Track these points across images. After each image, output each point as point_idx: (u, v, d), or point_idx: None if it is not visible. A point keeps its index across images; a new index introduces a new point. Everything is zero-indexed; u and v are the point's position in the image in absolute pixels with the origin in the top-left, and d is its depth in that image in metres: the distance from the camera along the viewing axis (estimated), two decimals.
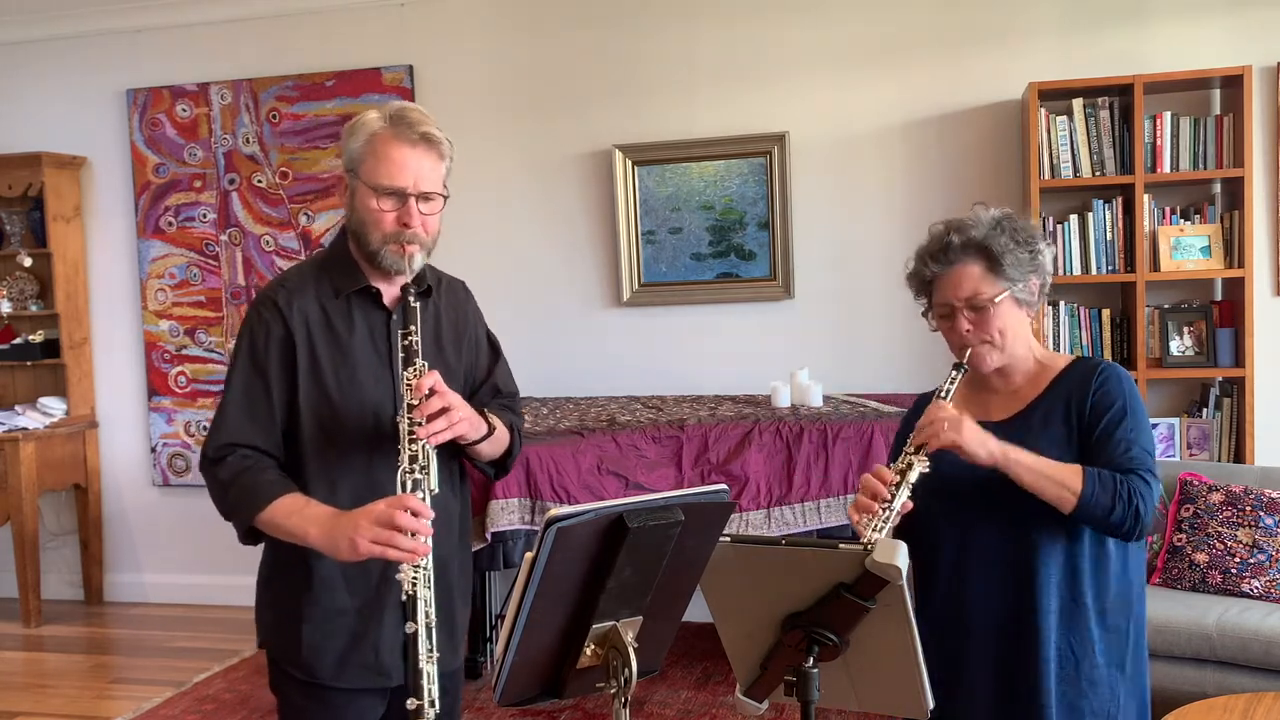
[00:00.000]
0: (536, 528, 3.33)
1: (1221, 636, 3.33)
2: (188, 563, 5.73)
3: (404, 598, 1.86)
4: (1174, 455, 4.37)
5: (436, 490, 1.90)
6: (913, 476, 1.92)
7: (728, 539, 1.71)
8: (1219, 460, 4.32)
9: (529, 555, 1.48)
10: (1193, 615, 3.41)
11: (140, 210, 5.74)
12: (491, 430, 2.07)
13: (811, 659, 1.73)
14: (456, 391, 2.06)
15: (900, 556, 1.64)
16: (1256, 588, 3.55)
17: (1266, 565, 3.56)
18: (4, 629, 5.47)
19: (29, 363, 5.72)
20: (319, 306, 2.03)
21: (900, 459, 1.96)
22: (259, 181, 5.58)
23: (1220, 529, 3.65)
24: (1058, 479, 1.91)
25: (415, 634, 1.85)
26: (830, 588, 1.70)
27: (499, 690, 1.57)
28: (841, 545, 1.69)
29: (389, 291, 2.05)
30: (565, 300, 5.24)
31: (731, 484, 3.97)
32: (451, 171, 2.08)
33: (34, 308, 5.75)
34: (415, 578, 1.85)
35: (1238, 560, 3.60)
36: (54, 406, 5.72)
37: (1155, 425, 4.39)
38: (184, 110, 5.64)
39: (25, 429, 5.51)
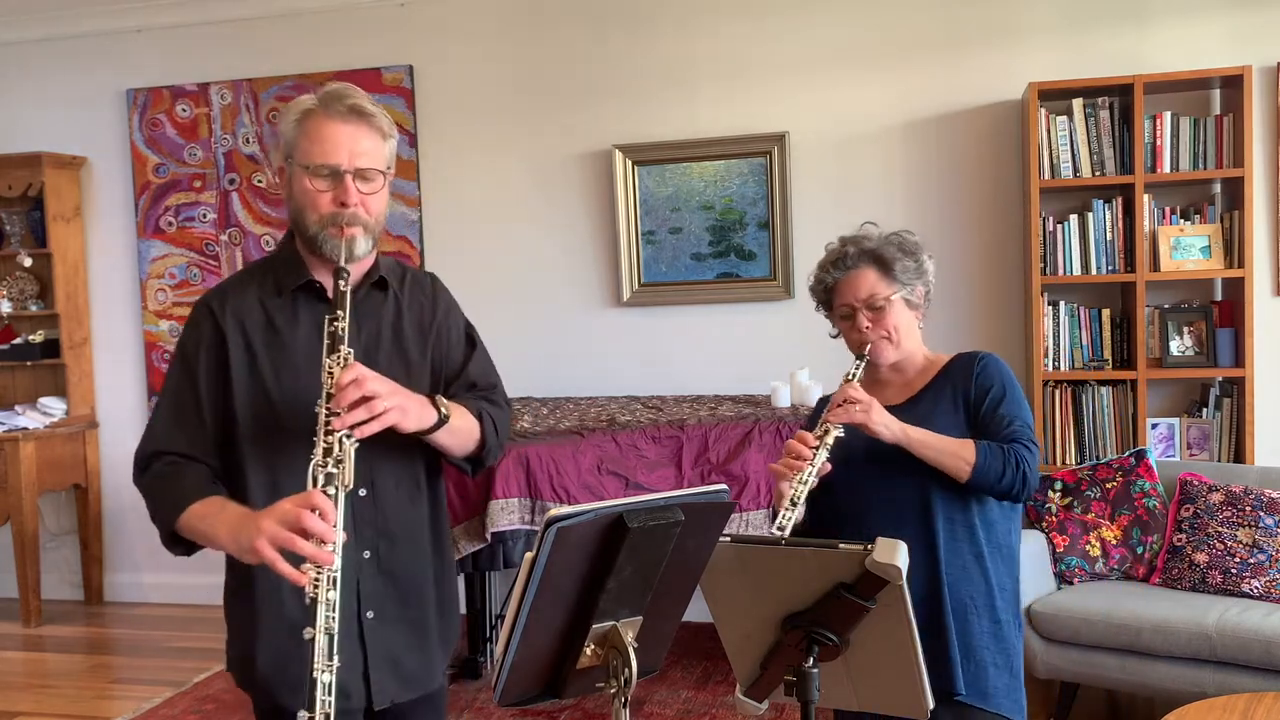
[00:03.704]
0: (536, 528, 3.33)
1: (1221, 636, 3.33)
2: (188, 563, 5.65)
3: (306, 601, 1.72)
4: (1174, 455, 4.37)
5: (351, 486, 1.77)
6: (830, 440, 2.16)
7: (728, 539, 1.71)
8: (1219, 460, 4.31)
9: (529, 555, 1.48)
10: (1193, 615, 3.41)
11: (140, 210, 5.74)
12: (443, 419, 1.91)
13: (811, 659, 1.73)
14: (422, 385, 1.98)
15: (900, 557, 1.64)
16: (1256, 588, 3.55)
17: (1266, 565, 3.56)
18: (4, 629, 5.47)
19: (29, 363, 5.72)
20: (259, 306, 1.96)
21: (819, 426, 2.20)
22: (259, 181, 5.58)
23: (1220, 529, 3.65)
24: (953, 452, 2.15)
25: (313, 640, 1.71)
26: (830, 588, 1.70)
27: (499, 690, 1.57)
28: (841, 545, 1.70)
29: (332, 284, 1.93)
30: (565, 300, 5.24)
31: (731, 484, 3.97)
32: (395, 152, 1.99)
33: (34, 308, 5.75)
34: (318, 579, 1.71)
35: (1238, 560, 3.60)
36: (54, 406, 5.72)
37: (1155, 425, 4.40)
38: (184, 110, 5.65)
39: (25, 429, 5.51)
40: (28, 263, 5.69)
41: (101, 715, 4.29)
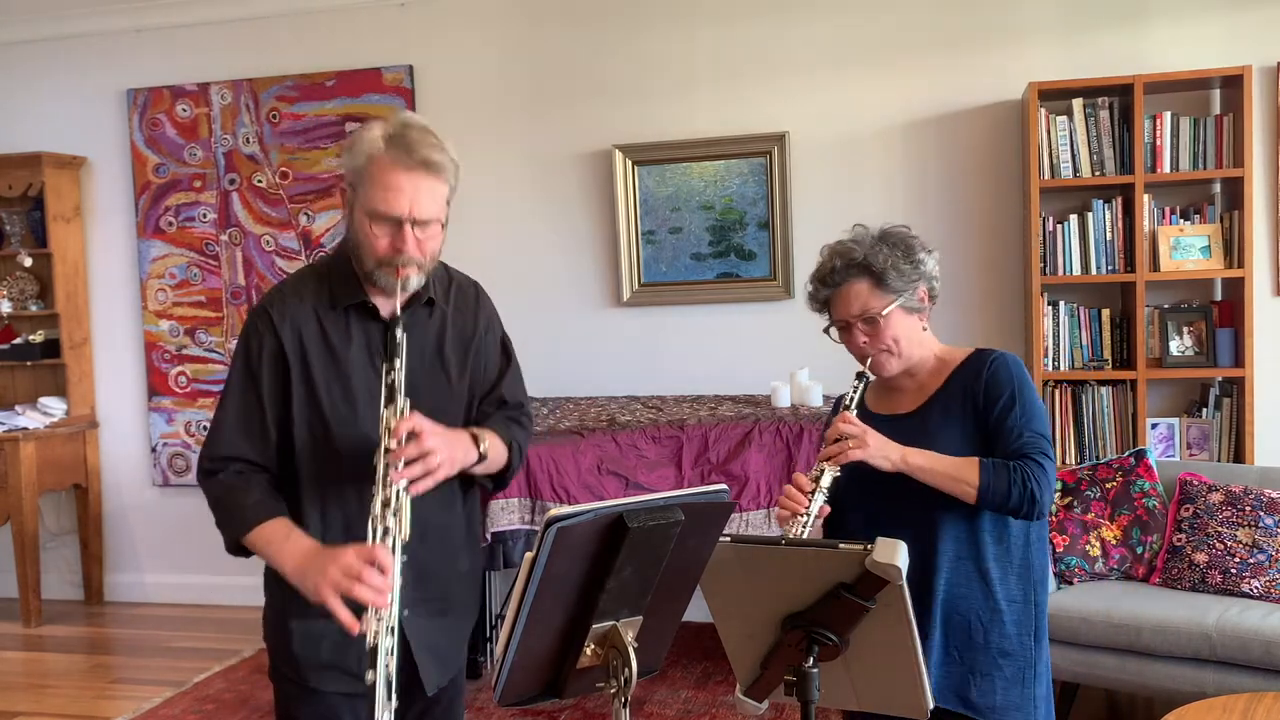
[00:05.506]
0: (536, 528, 3.33)
1: (1221, 636, 3.33)
2: (188, 563, 5.72)
3: (366, 647, 1.79)
4: (1174, 455, 4.37)
5: (408, 538, 1.84)
6: (826, 481, 2.07)
7: (728, 539, 1.72)
8: (1219, 460, 4.31)
9: (529, 555, 1.48)
10: (1193, 615, 3.40)
11: (140, 210, 5.74)
12: (482, 456, 2.03)
13: (811, 659, 1.73)
14: (457, 403, 2.07)
15: (900, 557, 1.64)
16: (1256, 588, 3.55)
17: (1266, 565, 3.56)
18: (4, 629, 5.47)
19: (29, 363, 5.72)
20: (315, 317, 2.02)
21: (815, 468, 2.10)
22: (259, 181, 5.58)
23: (1220, 529, 3.65)
24: (955, 475, 2.06)
25: (374, 684, 1.79)
26: (830, 588, 1.70)
27: (499, 690, 1.57)
28: (841, 545, 1.70)
29: (386, 306, 2.03)
30: (565, 300, 5.24)
31: (731, 484, 3.97)
32: (456, 190, 2.06)
33: (34, 308, 5.75)
34: (378, 628, 1.80)
35: (1238, 560, 3.60)
36: (54, 406, 5.72)
37: (1155, 425, 4.40)
38: (184, 110, 5.64)
39: (25, 429, 5.51)
40: (28, 263, 5.69)
41: (101, 715, 4.29)
